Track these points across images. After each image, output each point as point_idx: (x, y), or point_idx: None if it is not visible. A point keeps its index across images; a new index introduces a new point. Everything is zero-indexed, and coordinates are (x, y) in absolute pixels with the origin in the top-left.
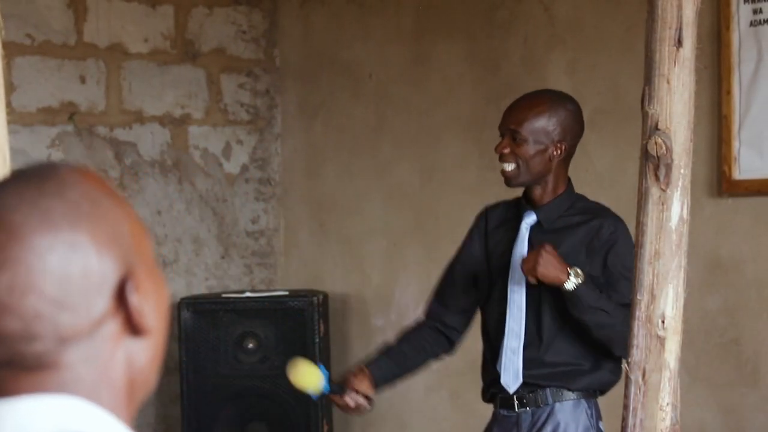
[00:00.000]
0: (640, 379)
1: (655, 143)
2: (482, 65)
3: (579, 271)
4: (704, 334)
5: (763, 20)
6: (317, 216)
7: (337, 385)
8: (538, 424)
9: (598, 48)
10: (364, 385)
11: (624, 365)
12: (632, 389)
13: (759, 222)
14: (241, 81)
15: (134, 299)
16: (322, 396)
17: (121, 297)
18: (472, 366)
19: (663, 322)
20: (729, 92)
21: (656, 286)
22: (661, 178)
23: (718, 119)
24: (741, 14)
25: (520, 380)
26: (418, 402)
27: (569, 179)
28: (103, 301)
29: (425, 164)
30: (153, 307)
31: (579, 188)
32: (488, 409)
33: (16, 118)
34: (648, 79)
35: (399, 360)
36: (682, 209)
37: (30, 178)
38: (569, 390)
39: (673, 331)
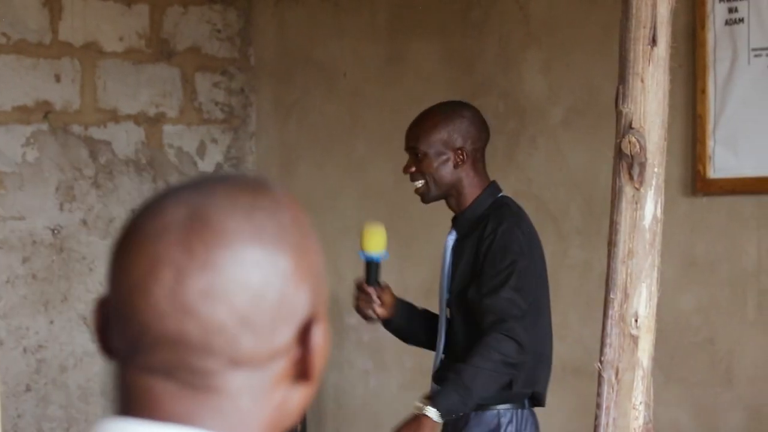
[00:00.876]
0: (613, 377)
1: (629, 142)
2: (457, 64)
3: (425, 404)
4: (678, 333)
5: (739, 19)
6: None
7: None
8: (456, 428)
9: (573, 47)
10: (389, 299)
11: (597, 364)
12: (605, 388)
13: (733, 221)
14: (216, 80)
15: (318, 342)
16: (374, 265)
17: (304, 336)
18: None
19: (636, 321)
20: (704, 91)
21: (629, 285)
22: (635, 177)
23: (692, 118)
24: (716, 13)
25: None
26: (392, 400)
27: (491, 186)
28: (288, 333)
29: (399, 163)
30: (322, 357)
31: (553, 188)
32: None
33: None
34: (622, 78)
35: (416, 319)
36: (655, 208)
37: (243, 187)
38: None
39: (646, 330)
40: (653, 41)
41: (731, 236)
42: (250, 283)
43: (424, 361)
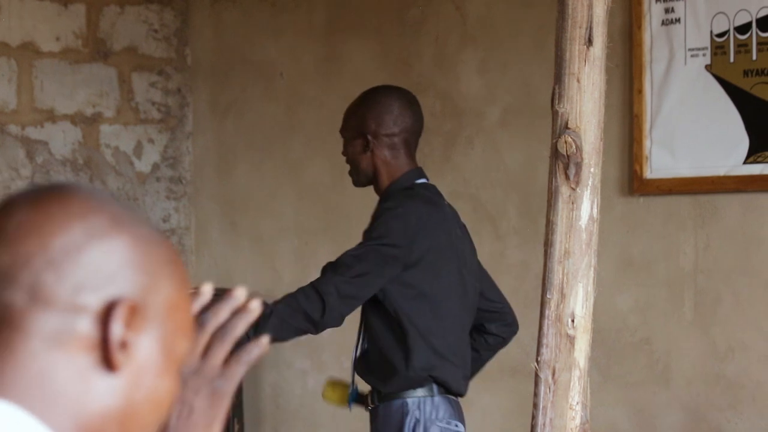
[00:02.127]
0: (549, 377)
1: (565, 142)
2: (394, 64)
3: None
4: (615, 333)
5: (675, 19)
6: (228, 215)
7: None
8: (373, 422)
9: (510, 47)
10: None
11: (534, 364)
12: (542, 388)
13: (670, 221)
14: (153, 80)
15: (117, 327)
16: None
17: (107, 318)
18: None
19: (573, 321)
20: (640, 91)
21: (566, 285)
22: (571, 176)
23: (629, 118)
24: (653, 13)
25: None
26: None
27: (410, 173)
28: (90, 300)
29: (336, 163)
30: (150, 348)
31: (490, 188)
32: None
33: None
34: (558, 78)
35: None
36: (592, 208)
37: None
38: (386, 392)
39: (582, 330)
40: (589, 41)
41: (668, 236)
42: (69, 233)
43: None
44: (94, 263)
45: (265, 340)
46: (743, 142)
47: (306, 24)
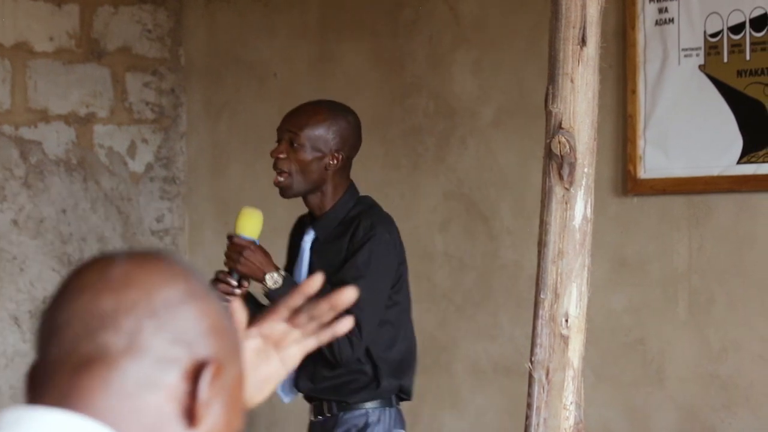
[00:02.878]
0: (543, 377)
1: (559, 142)
2: (387, 64)
3: (277, 276)
4: (609, 333)
5: (669, 19)
6: (222, 215)
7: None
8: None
9: (503, 47)
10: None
11: (527, 364)
12: (536, 388)
13: (664, 221)
14: (147, 80)
15: (204, 385)
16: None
17: (195, 376)
18: None
19: (566, 321)
20: (634, 91)
21: (560, 285)
22: (565, 177)
23: (623, 118)
24: (646, 13)
25: (295, 393)
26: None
27: (351, 188)
28: (184, 354)
29: None
30: (218, 414)
31: (484, 188)
32: None
33: None
34: (552, 78)
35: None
36: (585, 208)
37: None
38: (349, 402)
39: (576, 330)
40: (583, 41)
41: (662, 236)
42: (172, 288)
43: None
44: (190, 321)
45: (349, 322)
46: (737, 142)
47: (299, 24)
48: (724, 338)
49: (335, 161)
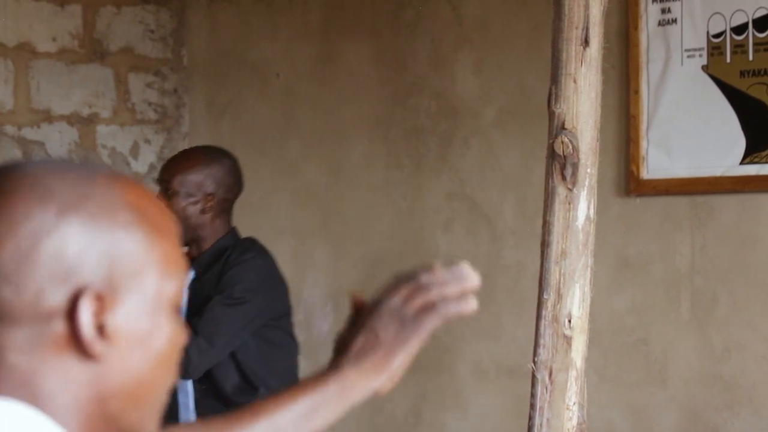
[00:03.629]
0: (546, 378)
1: (562, 143)
2: (389, 64)
3: None
4: (612, 334)
5: (672, 20)
6: None
7: None
8: None
9: (506, 47)
10: None
11: (530, 364)
12: (539, 388)
13: (666, 221)
14: (149, 80)
15: (85, 316)
16: None
17: (72, 313)
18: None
19: (569, 321)
20: (637, 92)
21: (563, 285)
22: (568, 177)
23: (626, 119)
24: (649, 13)
25: None
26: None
27: (232, 231)
28: (58, 296)
29: (332, 163)
30: (134, 324)
31: (486, 188)
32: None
33: None
34: (554, 78)
35: None
36: (588, 208)
37: (66, 164)
38: None
39: (579, 330)
40: (585, 41)
41: (664, 237)
42: (15, 237)
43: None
44: (49, 263)
45: (473, 304)
46: (740, 143)
47: (301, 24)
48: (727, 339)
49: (210, 204)
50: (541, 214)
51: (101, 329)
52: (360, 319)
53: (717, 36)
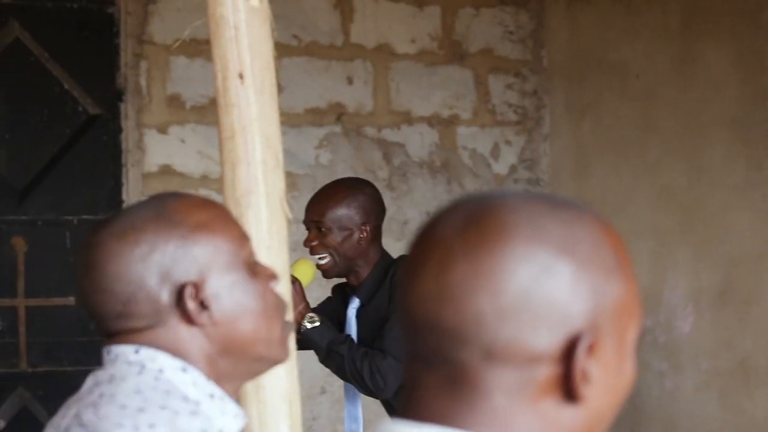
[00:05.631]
0: None
1: None
2: (748, 65)
3: (315, 317)
4: None
5: None
6: None
7: None
8: None
9: None
10: None
11: None
12: None
13: None
14: (509, 81)
15: (581, 359)
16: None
17: (570, 350)
18: (741, 365)
19: None
20: None
21: None
22: None
23: None
24: None
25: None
26: (688, 403)
27: (384, 254)
28: (550, 340)
29: (692, 164)
30: (602, 384)
31: None
32: (759, 410)
33: (283, 119)
34: None
35: None
36: None
37: (547, 198)
38: None
39: None
40: None
41: None
42: (517, 277)
43: (720, 363)
44: (545, 305)
45: None
46: None
47: (661, 25)
48: None
49: (365, 234)
50: None
51: (584, 375)
52: None
53: None
